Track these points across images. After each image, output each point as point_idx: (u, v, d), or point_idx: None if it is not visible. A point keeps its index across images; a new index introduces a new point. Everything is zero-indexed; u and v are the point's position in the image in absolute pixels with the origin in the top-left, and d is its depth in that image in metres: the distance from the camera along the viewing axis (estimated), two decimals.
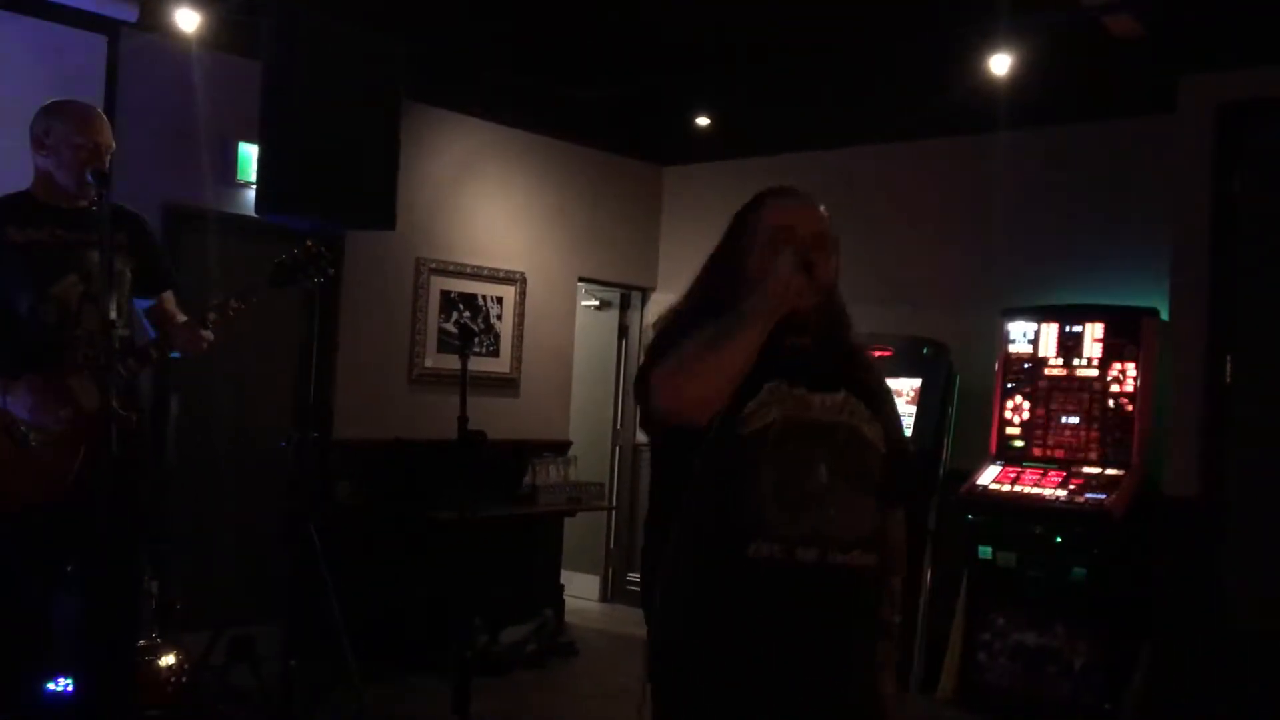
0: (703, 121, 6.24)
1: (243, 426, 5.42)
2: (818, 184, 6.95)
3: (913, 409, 5.57)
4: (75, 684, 3.41)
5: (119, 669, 3.31)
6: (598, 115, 6.30)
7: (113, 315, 2.97)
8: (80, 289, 3.11)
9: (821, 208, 2.13)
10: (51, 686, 3.46)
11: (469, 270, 6.38)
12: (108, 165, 3.14)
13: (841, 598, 1.90)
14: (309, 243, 3.54)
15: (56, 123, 3.17)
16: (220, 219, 5.31)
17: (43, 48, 4.79)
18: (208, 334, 3.26)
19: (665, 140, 6.96)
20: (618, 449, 7.58)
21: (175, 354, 3.34)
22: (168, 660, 4.24)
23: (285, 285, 3.52)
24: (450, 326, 6.21)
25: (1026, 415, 5.30)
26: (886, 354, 5.76)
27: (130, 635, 3.49)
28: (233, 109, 5.14)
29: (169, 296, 3.40)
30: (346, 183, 4.09)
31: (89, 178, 3.03)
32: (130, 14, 4.90)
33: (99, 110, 3.29)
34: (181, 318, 3.35)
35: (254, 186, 5.38)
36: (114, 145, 3.22)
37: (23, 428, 3.03)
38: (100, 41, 4.96)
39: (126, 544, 3.17)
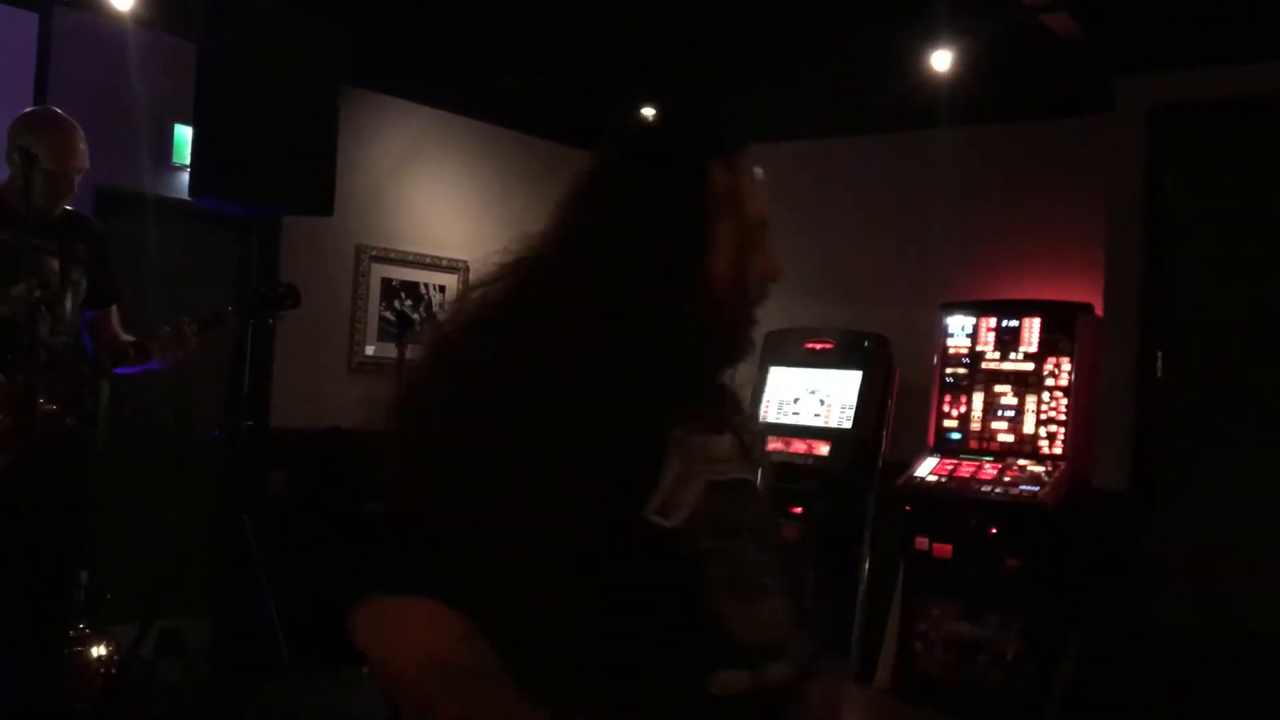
0: (646, 113, 6.23)
1: (176, 414, 5.33)
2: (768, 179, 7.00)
3: (853, 401, 5.62)
4: None
5: (45, 662, 3.26)
6: (541, 103, 6.26)
7: (65, 322, 3.03)
8: (36, 294, 3.10)
9: None
10: None
11: (411, 258, 6.32)
12: (74, 181, 3.17)
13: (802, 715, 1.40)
14: (280, 281, 3.65)
15: (21, 136, 3.15)
16: (155, 203, 5.20)
17: None
18: (194, 344, 3.35)
19: (600, 125, 6.94)
20: None
21: (156, 364, 3.36)
22: (97, 651, 4.15)
23: (252, 319, 3.68)
24: (390, 314, 6.15)
25: (964, 408, 5.37)
26: (828, 346, 5.82)
27: (58, 629, 3.43)
28: (168, 90, 5.03)
29: (114, 310, 3.40)
30: (283, 168, 4.04)
31: (45, 193, 3.09)
32: None
33: (68, 123, 3.26)
34: (125, 336, 3.40)
35: (189, 170, 5.31)
36: (85, 163, 3.22)
37: None
38: (31, 19, 4.84)
39: (58, 540, 3.17)
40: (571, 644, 1.22)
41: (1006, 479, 5.05)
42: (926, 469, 5.28)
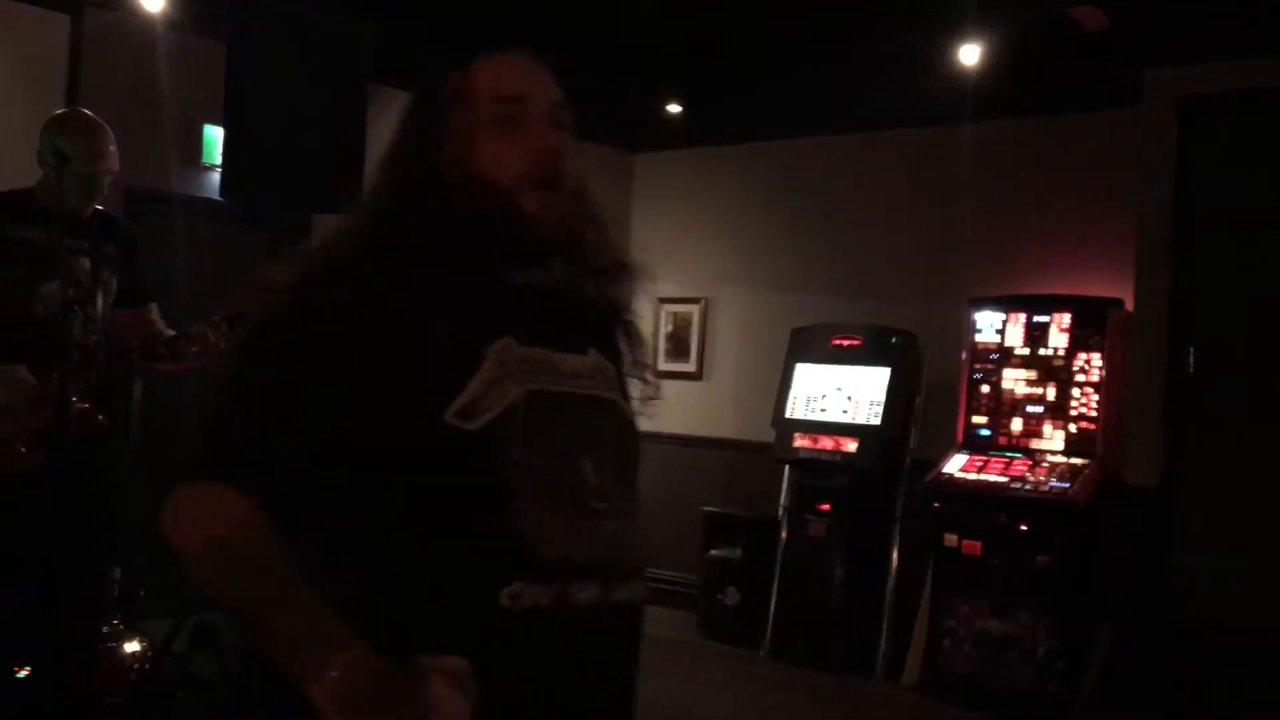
0: (673, 109, 6.23)
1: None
2: (789, 173, 6.98)
3: (881, 398, 5.60)
4: (32, 671, 3.38)
5: (79, 658, 3.31)
6: (571, 101, 6.26)
7: (95, 322, 3.07)
8: (67, 293, 3.13)
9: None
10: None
11: None
12: (102, 181, 3.19)
13: (626, 647, 1.36)
14: None
15: (52, 138, 3.19)
16: (185, 203, 5.26)
17: (2, 27, 4.72)
18: (223, 343, 3.36)
19: (636, 128, 6.93)
20: None
21: (191, 363, 3.38)
22: (131, 647, 4.19)
23: None
24: None
25: (993, 404, 5.34)
26: (855, 343, 5.80)
27: (91, 625, 3.47)
28: (198, 91, 5.07)
29: (154, 309, 3.43)
30: (313, 167, 4.04)
31: (76, 193, 3.16)
32: None
33: (98, 123, 3.30)
34: (169, 332, 3.43)
35: (219, 169, 5.35)
36: (115, 165, 3.25)
37: None
38: (63, 21, 4.90)
39: (89, 536, 3.21)
40: (362, 540, 1.24)
41: (1036, 475, 5.02)
42: (955, 465, 5.26)
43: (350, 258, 1.33)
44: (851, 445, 5.62)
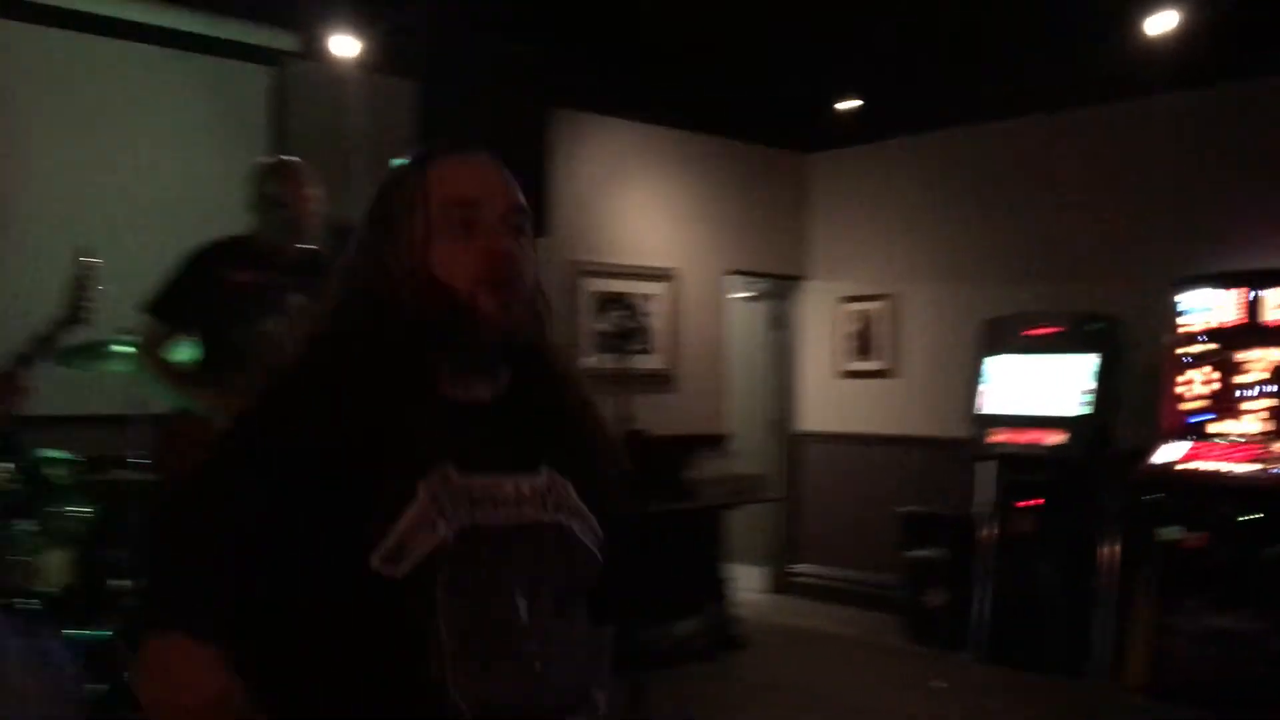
0: (846, 106, 6.16)
1: None
2: (973, 161, 6.80)
3: (1084, 387, 5.39)
4: None
5: None
6: (741, 106, 6.28)
7: None
8: (283, 330, 3.32)
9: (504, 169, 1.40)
10: None
11: (620, 270, 6.45)
12: (307, 221, 3.35)
13: None
14: None
15: (259, 184, 3.39)
16: None
17: (209, 81, 5.06)
18: None
19: (809, 127, 6.89)
20: (776, 440, 7.55)
21: None
22: None
23: None
24: (606, 326, 6.29)
25: (1206, 388, 5.06)
26: (1053, 331, 5.61)
27: None
28: (391, 128, 5.32)
29: None
30: None
31: (285, 233, 3.29)
32: (292, 44, 5.14)
33: (299, 164, 3.48)
34: None
35: None
36: (318, 201, 3.41)
37: None
38: (262, 73, 5.21)
39: None
40: (295, 685, 1.22)
41: (1261, 461, 4.73)
42: (1170, 454, 5.00)
43: (291, 383, 1.30)
44: (1054, 438, 5.43)
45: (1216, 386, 5.04)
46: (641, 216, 6.63)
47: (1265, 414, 4.88)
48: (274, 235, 3.34)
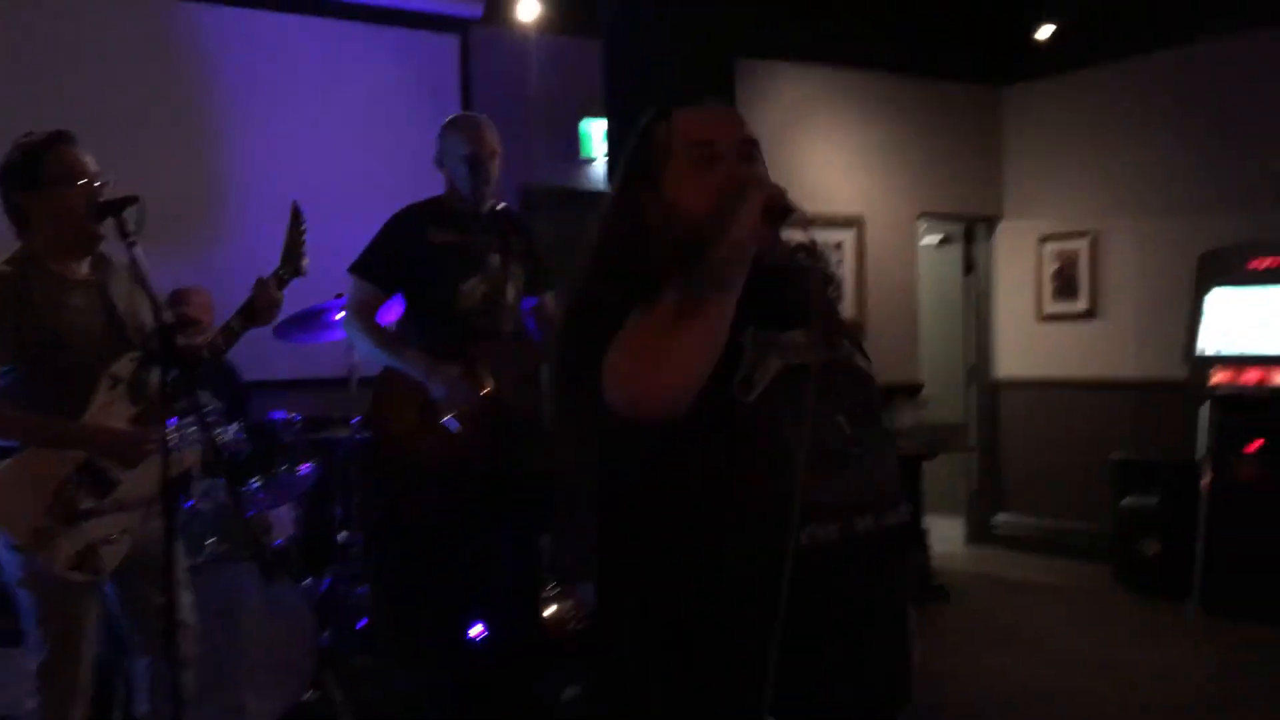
0: (1043, 32, 5.86)
1: None
2: (1181, 84, 6.37)
3: None
4: (489, 629, 3.75)
5: (528, 615, 3.63)
6: (929, 42, 6.06)
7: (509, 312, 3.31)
8: (483, 288, 3.41)
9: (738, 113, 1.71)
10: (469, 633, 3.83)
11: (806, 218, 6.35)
12: (493, 169, 3.40)
13: (897, 561, 1.64)
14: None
15: (444, 139, 3.47)
16: (567, 195, 5.60)
17: (398, 52, 5.23)
18: None
19: (1002, 59, 6.60)
20: (973, 388, 7.33)
21: None
22: (565, 607, 4.56)
23: None
24: None
25: None
26: (1278, 261, 5.23)
27: (531, 589, 3.80)
28: (573, 89, 5.38)
29: (550, 296, 3.66)
30: None
31: (473, 183, 3.33)
32: (476, 11, 5.25)
33: (481, 118, 3.54)
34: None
35: (596, 161, 5.65)
36: (498, 149, 3.47)
37: (439, 405, 3.35)
38: (449, 41, 5.35)
39: (522, 510, 3.50)
40: (666, 503, 1.53)
41: None
42: None
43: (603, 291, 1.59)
44: None
45: None
46: (826, 162, 6.50)
47: None
48: (464, 189, 3.41)
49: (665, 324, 1.44)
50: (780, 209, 1.52)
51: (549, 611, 4.52)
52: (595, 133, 5.56)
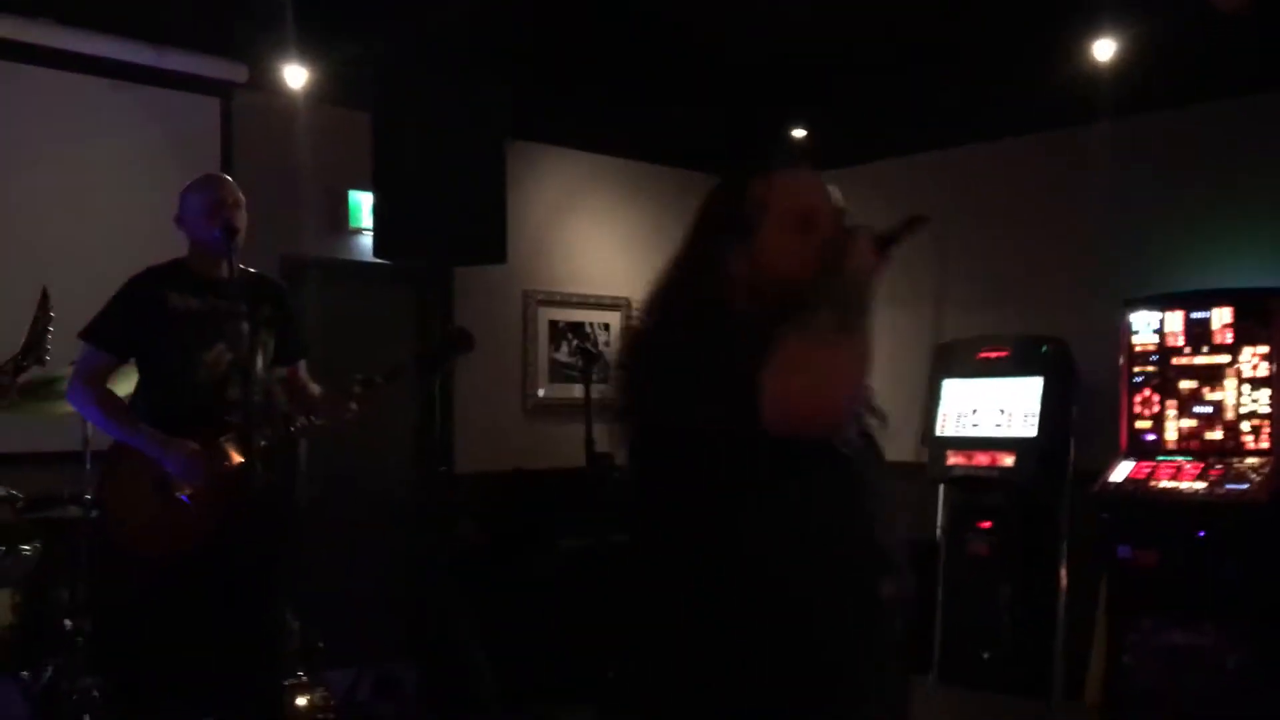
0: (798, 134, 6.21)
1: (370, 461, 5.53)
2: (922, 186, 6.86)
3: (1036, 409, 5.45)
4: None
5: (263, 709, 3.42)
6: (692, 137, 6.32)
7: (258, 382, 3.15)
8: (228, 357, 3.25)
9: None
10: None
11: (575, 299, 6.45)
12: (238, 221, 3.25)
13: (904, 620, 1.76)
14: (450, 327, 3.73)
15: (185, 197, 3.32)
16: (334, 266, 5.47)
17: (156, 113, 5.00)
18: (353, 406, 3.42)
19: (761, 158, 6.94)
20: None
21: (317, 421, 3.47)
22: (313, 698, 4.33)
23: (433, 371, 3.77)
24: (561, 356, 6.27)
25: (1157, 407, 5.14)
26: (1003, 354, 5.67)
27: (273, 676, 3.59)
28: (342, 159, 5.29)
29: (302, 365, 3.54)
30: (457, 222, 4.18)
31: (218, 233, 3.16)
32: (240, 75, 5.09)
33: (224, 176, 3.42)
34: (314, 387, 3.51)
35: (366, 232, 5.55)
36: (242, 200, 3.34)
37: (174, 482, 3.15)
38: (213, 103, 5.16)
39: (267, 591, 3.32)
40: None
41: (1210, 478, 4.81)
42: (1122, 474, 5.06)
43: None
44: (1009, 459, 5.48)
45: (1163, 405, 5.11)
46: (596, 246, 6.63)
47: (1209, 432, 4.96)
48: (206, 240, 3.26)
49: (830, 344, 1.55)
50: (887, 237, 1.68)
51: (300, 701, 4.30)
52: (365, 204, 5.47)
